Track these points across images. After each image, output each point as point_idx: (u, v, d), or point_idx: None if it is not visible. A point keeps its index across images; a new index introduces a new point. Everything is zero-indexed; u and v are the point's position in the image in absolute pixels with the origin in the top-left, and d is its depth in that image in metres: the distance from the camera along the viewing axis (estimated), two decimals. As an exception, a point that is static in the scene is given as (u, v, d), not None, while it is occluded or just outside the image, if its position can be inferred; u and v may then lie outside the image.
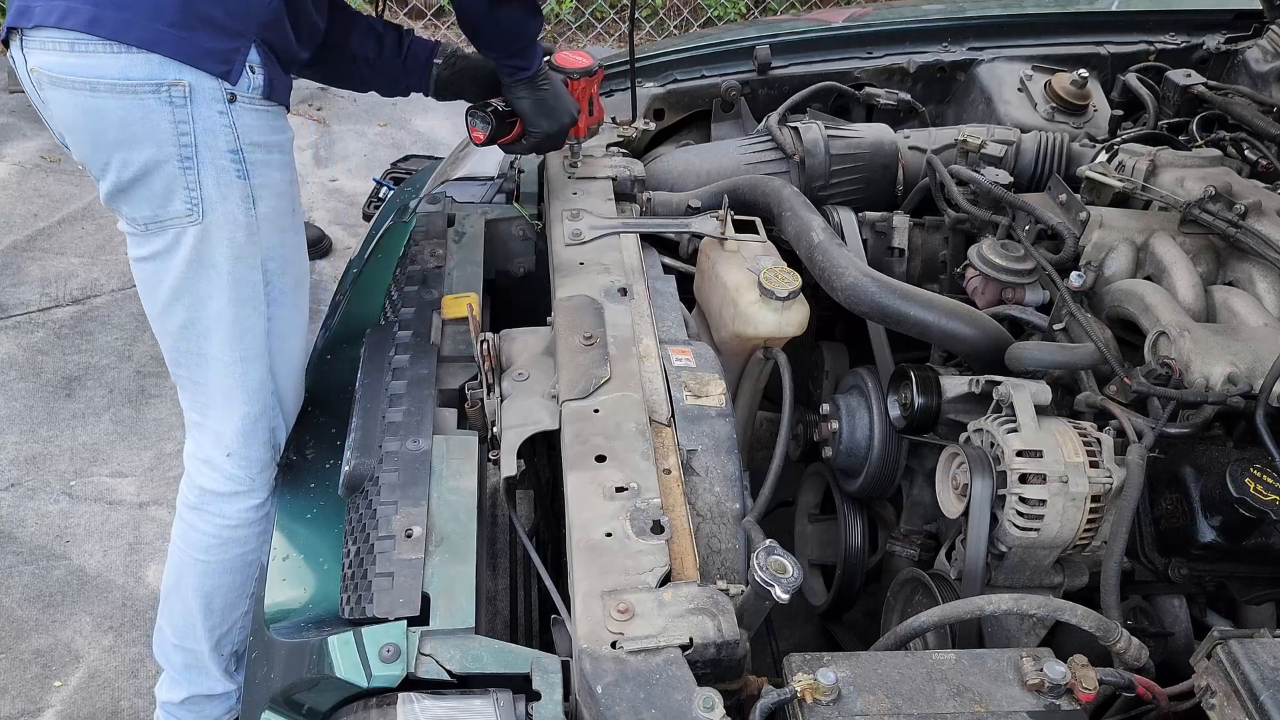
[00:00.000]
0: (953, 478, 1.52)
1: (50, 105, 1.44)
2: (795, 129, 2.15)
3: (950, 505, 1.52)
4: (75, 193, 4.11)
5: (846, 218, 2.04)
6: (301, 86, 4.54)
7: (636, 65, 2.19)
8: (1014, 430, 1.43)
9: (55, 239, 3.86)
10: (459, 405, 1.56)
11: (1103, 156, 2.04)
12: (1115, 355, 1.58)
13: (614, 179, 1.96)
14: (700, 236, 1.82)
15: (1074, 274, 1.70)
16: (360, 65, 1.79)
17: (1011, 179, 1.99)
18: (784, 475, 1.51)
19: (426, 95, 1.86)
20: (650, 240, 1.88)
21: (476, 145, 1.81)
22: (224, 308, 1.56)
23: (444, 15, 5.61)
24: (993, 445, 1.45)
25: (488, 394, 1.50)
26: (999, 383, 1.51)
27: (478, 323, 1.59)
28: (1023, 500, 1.39)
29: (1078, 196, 1.86)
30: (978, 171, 1.98)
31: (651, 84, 2.42)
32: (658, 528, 1.23)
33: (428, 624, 1.22)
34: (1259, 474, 1.37)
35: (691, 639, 1.11)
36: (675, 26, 5.94)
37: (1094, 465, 1.40)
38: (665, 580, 1.19)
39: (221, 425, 1.67)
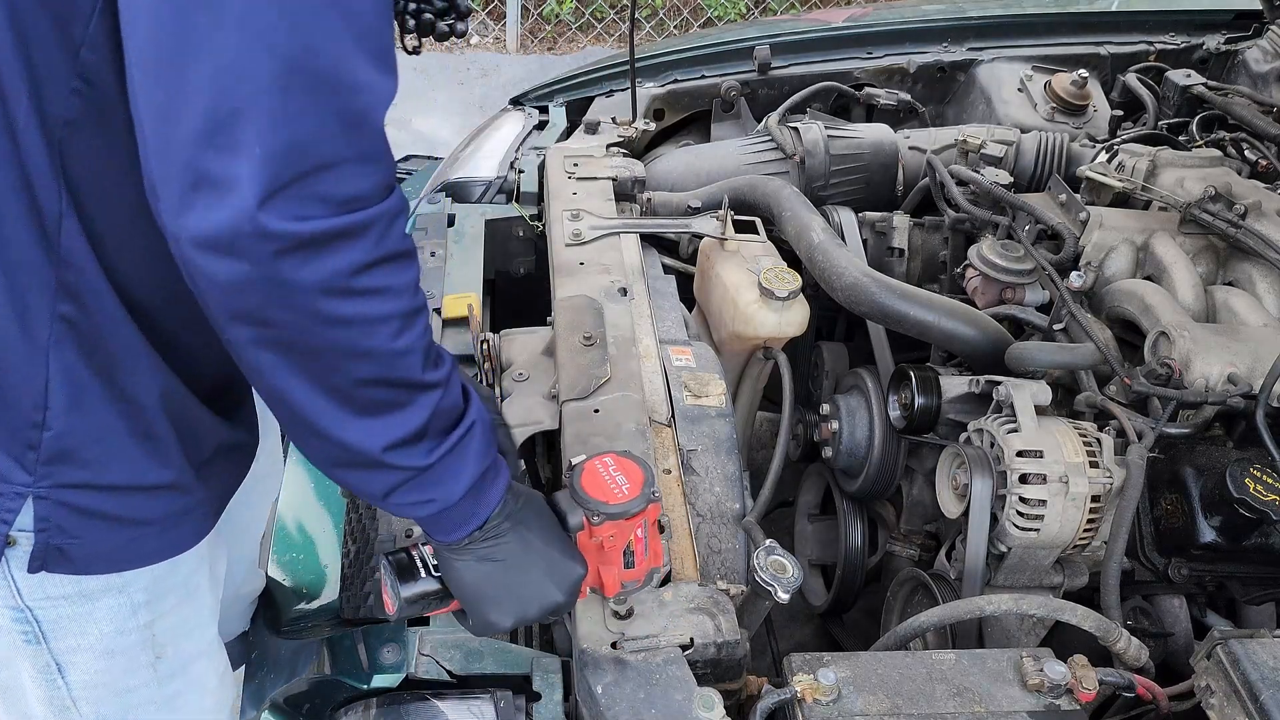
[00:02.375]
0: (953, 478, 1.52)
1: None
2: (795, 129, 2.15)
3: (950, 505, 1.52)
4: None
5: (846, 218, 2.04)
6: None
7: (636, 65, 2.19)
8: (1014, 430, 1.43)
9: None
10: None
11: (1103, 157, 2.04)
12: (1115, 355, 1.58)
13: (614, 179, 1.96)
14: (700, 237, 1.82)
15: (1074, 274, 1.69)
16: None
17: (1011, 179, 1.98)
18: (784, 475, 1.51)
19: None
20: (650, 240, 1.88)
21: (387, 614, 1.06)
22: None
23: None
24: (993, 445, 1.45)
25: (488, 394, 1.50)
26: (999, 383, 1.51)
27: (478, 323, 1.59)
28: (1023, 500, 1.39)
29: (1078, 197, 1.86)
30: (978, 171, 1.98)
31: (651, 84, 2.42)
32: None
33: (428, 624, 1.22)
34: (1259, 474, 1.37)
35: (692, 639, 1.11)
36: (675, 26, 5.94)
37: (1094, 465, 1.40)
38: (665, 580, 1.19)
39: None
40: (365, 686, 1.17)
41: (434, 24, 1.62)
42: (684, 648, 1.11)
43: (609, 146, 2.11)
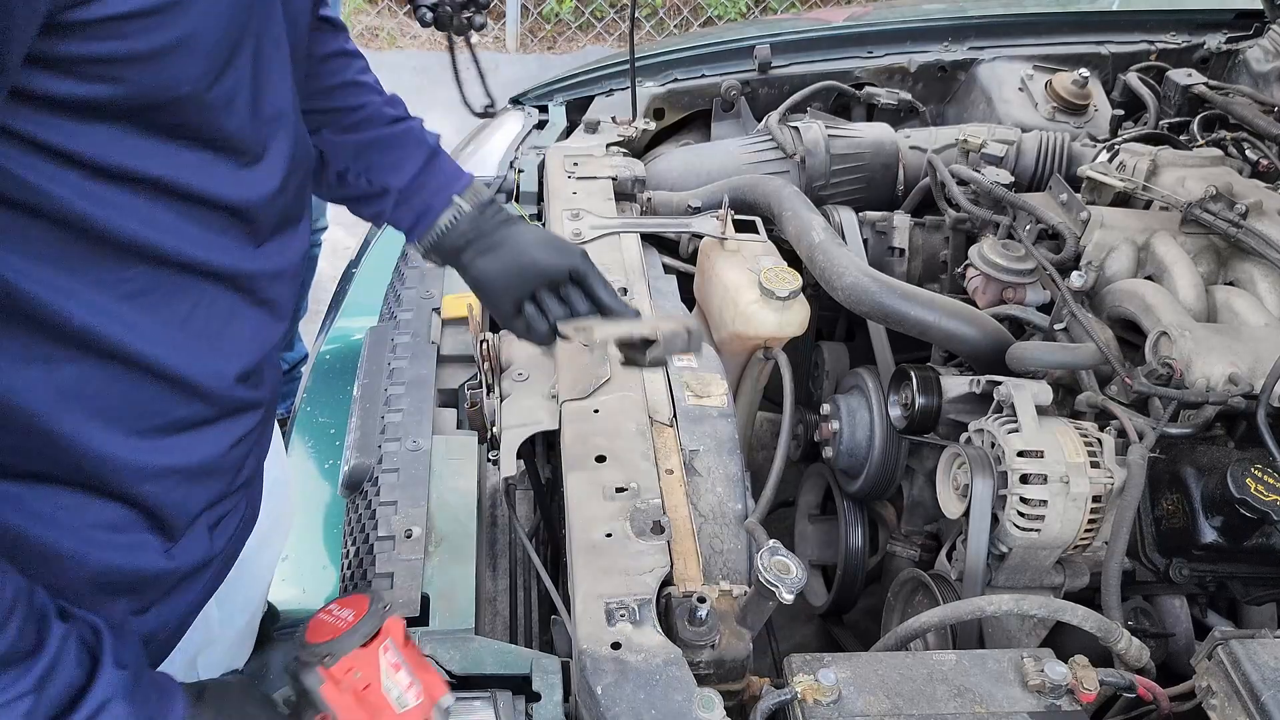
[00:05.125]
0: (953, 478, 1.52)
1: None
2: (796, 128, 2.15)
3: (951, 506, 1.52)
4: None
5: (847, 217, 2.04)
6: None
7: (636, 64, 2.19)
8: (1015, 430, 1.42)
9: None
10: (458, 405, 1.55)
11: (1104, 156, 2.03)
12: (1116, 355, 1.57)
13: (614, 179, 1.96)
14: (700, 236, 1.82)
15: (1075, 274, 1.69)
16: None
17: (1012, 179, 1.98)
18: (784, 475, 1.51)
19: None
20: (650, 240, 1.88)
21: None
22: None
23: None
24: (993, 445, 1.45)
25: (487, 394, 1.50)
26: (1000, 383, 1.50)
27: (477, 323, 1.58)
28: (1024, 500, 1.39)
29: (1078, 196, 1.85)
30: (978, 171, 1.98)
31: (651, 83, 2.42)
32: (658, 528, 1.22)
33: (427, 624, 1.22)
34: (1260, 474, 1.37)
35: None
36: (675, 26, 5.94)
37: (1095, 465, 1.40)
38: (666, 581, 1.19)
39: None
40: (365, 687, 1.17)
41: (453, 17, 1.60)
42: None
43: (609, 146, 2.11)
